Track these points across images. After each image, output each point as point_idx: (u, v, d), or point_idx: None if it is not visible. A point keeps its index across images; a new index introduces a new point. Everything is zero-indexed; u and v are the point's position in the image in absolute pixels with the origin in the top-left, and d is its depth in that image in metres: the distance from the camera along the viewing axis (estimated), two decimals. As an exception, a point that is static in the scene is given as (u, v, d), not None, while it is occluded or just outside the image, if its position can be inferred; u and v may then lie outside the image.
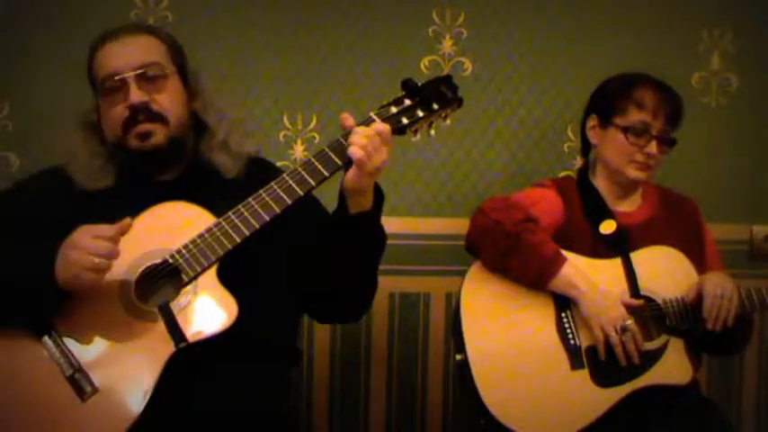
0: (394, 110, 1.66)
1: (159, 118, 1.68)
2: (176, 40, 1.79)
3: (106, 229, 1.49)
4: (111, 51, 1.70)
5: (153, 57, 1.70)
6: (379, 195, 1.68)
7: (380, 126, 1.60)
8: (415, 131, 1.70)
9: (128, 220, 1.52)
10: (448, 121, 1.74)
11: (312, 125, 2.45)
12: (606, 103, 2.08)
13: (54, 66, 2.31)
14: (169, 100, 1.70)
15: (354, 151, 1.57)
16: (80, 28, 2.29)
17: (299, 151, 2.44)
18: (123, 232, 1.50)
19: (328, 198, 1.77)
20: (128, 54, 1.68)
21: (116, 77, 1.66)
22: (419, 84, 1.68)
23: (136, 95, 1.65)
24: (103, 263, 1.47)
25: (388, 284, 2.39)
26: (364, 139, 1.57)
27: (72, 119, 1.78)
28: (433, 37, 2.49)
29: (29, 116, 2.32)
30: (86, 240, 1.47)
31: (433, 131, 1.72)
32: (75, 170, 1.70)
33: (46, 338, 1.53)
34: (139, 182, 1.71)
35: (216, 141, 1.75)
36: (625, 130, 2.03)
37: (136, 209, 1.61)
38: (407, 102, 1.67)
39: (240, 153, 1.75)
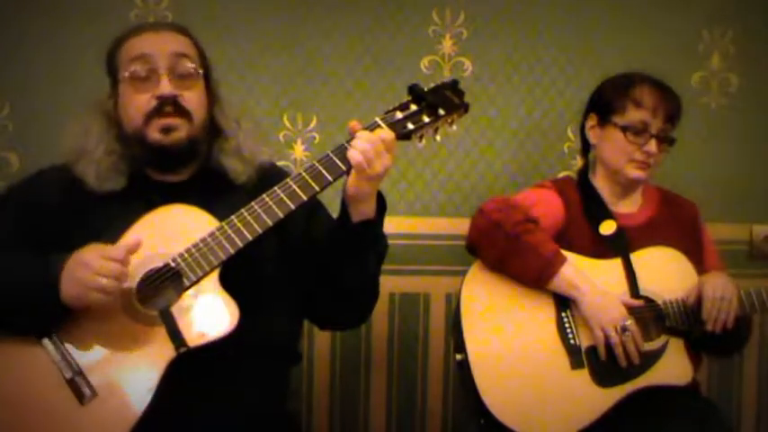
0: (399, 115, 1.65)
1: (185, 113, 1.66)
2: (203, 46, 1.79)
3: (116, 251, 1.48)
4: (144, 38, 1.69)
5: (186, 50, 1.70)
6: (381, 204, 1.68)
7: (384, 133, 1.59)
8: (421, 137, 1.69)
9: (136, 238, 1.52)
10: (454, 127, 1.73)
11: (312, 125, 2.45)
12: (605, 102, 2.08)
13: (54, 66, 2.31)
14: (195, 99, 1.69)
15: (353, 155, 1.56)
16: (80, 28, 2.30)
17: (299, 151, 2.44)
18: (132, 252, 1.50)
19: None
20: (163, 42, 1.68)
21: (147, 63, 1.65)
22: (425, 89, 1.68)
23: (166, 87, 1.64)
24: (111, 284, 1.46)
25: (388, 284, 2.39)
26: (365, 144, 1.56)
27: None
28: (433, 37, 2.49)
29: (29, 116, 2.32)
30: (96, 260, 1.46)
31: (438, 137, 1.72)
32: (84, 168, 1.67)
33: (46, 341, 1.53)
34: (148, 183, 1.71)
35: (229, 146, 1.74)
36: (624, 129, 2.03)
37: (144, 211, 1.61)
38: (413, 107, 1.66)
39: (252, 160, 1.74)
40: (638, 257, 2.01)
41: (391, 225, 1.77)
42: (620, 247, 2.02)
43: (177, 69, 1.67)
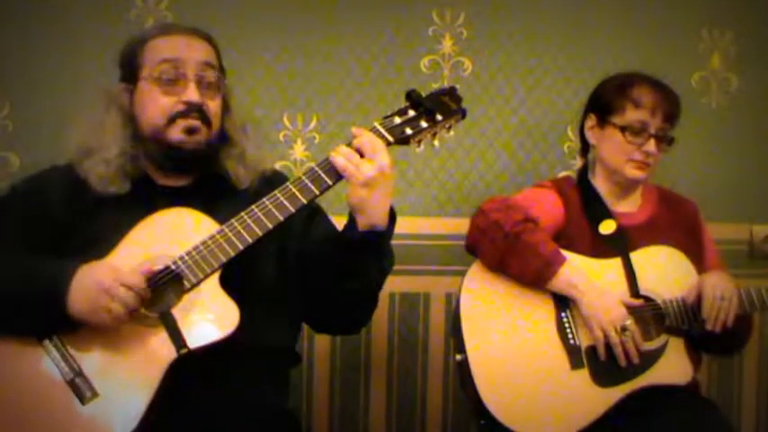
0: (398, 120, 1.66)
1: (207, 122, 1.68)
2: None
3: (134, 279, 1.50)
4: (175, 41, 1.70)
5: (213, 60, 1.72)
6: (392, 217, 1.67)
7: (363, 138, 1.60)
8: (419, 142, 1.70)
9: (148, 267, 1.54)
10: (451, 132, 1.74)
11: (312, 125, 2.44)
12: (604, 102, 2.09)
13: (54, 65, 2.30)
14: (216, 109, 1.71)
15: (336, 159, 1.59)
16: (80, 28, 2.30)
17: (299, 151, 2.44)
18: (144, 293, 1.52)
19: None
20: (194, 49, 1.70)
21: (177, 67, 1.66)
22: (423, 95, 1.69)
23: (195, 95, 1.66)
24: (122, 312, 1.48)
25: (388, 284, 2.33)
26: (347, 148, 1.59)
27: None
28: (433, 37, 2.49)
29: (29, 116, 2.31)
30: (113, 286, 1.48)
31: (436, 142, 1.74)
32: (90, 168, 1.67)
33: (47, 342, 1.53)
34: (152, 187, 1.71)
35: (234, 152, 1.75)
36: (623, 129, 2.03)
37: (146, 215, 1.61)
38: (411, 112, 1.68)
39: (255, 166, 1.75)
40: (637, 257, 2.01)
41: (392, 225, 1.77)
42: (619, 246, 2.02)
43: (205, 78, 1.69)
